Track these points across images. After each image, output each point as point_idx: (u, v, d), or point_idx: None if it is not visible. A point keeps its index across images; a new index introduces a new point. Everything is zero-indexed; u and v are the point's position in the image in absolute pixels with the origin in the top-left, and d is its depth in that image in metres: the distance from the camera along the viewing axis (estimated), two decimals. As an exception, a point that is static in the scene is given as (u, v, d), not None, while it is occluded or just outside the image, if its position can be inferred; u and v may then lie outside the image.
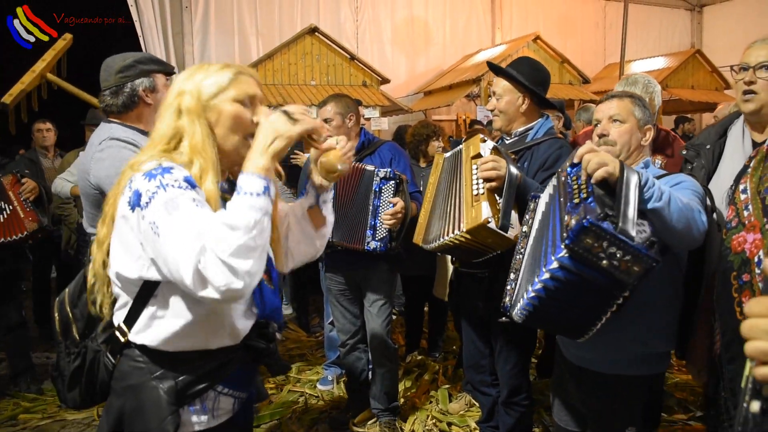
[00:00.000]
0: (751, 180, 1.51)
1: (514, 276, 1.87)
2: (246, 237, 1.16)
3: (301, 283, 4.92)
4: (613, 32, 9.92)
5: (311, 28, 6.97)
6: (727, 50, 9.27)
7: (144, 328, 1.34)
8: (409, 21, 9.04)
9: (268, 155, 1.27)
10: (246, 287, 1.18)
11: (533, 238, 1.81)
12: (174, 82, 1.43)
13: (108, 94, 2.10)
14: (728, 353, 1.47)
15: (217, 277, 1.15)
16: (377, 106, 7.02)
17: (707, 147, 2.12)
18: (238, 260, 1.15)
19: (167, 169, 1.26)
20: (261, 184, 1.23)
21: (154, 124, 2.04)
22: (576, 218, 1.36)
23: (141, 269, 1.28)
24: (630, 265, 1.34)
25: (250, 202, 1.20)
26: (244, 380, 1.50)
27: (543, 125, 2.46)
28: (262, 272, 1.22)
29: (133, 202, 1.24)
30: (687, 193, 1.72)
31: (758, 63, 1.91)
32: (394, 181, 2.82)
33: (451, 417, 3.26)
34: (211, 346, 1.37)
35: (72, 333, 1.47)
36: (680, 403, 3.33)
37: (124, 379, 1.38)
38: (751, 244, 1.41)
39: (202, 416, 1.39)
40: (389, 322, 3.04)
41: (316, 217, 1.62)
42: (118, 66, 2.09)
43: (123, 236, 1.30)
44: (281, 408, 3.41)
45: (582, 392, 1.94)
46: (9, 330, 3.79)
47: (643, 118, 1.92)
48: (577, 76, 8.22)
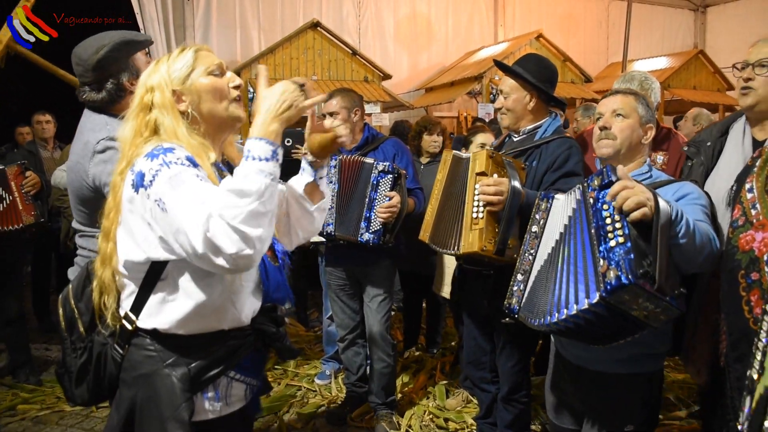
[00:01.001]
0: (758, 179, 1.51)
1: (522, 278, 1.86)
2: (257, 203, 1.15)
3: (299, 277, 4.92)
4: (616, 31, 9.89)
5: (313, 23, 6.96)
6: (730, 51, 9.24)
7: (155, 312, 1.34)
8: (411, 17, 9.02)
9: (279, 121, 1.27)
10: (257, 254, 1.17)
11: (547, 244, 1.80)
12: (141, 77, 1.43)
13: (88, 90, 1.98)
14: (735, 352, 1.46)
15: (227, 244, 1.14)
16: (378, 102, 7.01)
17: (708, 144, 2.12)
18: (249, 227, 1.14)
19: (169, 149, 1.27)
20: (270, 148, 1.22)
21: None
22: (614, 272, 1.39)
23: (148, 249, 1.28)
24: (658, 313, 1.44)
25: (260, 166, 1.20)
26: (255, 366, 1.51)
27: (552, 123, 2.45)
28: (271, 239, 1.22)
29: (137, 183, 1.25)
30: (697, 209, 1.71)
31: (758, 60, 1.93)
32: (392, 175, 2.82)
33: (448, 413, 3.27)
34: (224, 326, 1.37)
35: (77, 328, 1.47)
36: (679, 401, 3.34)
37: (135, 368, 1.37)
38: (760, 243, 1.40)
39: (216, 403, 1.40)
40: (388, 317, 3.05)
41: (313, 194, 1.62)
42: (93, 61, 1.92)
43: (128, 224, 1.30)
44: (279, 402, 3.42)
45: (580, 391, 1.94)
46: (9, 322, 3.80)
47: (645, 116, 1.91)
48: (579, 74, 8.21)
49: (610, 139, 1.88)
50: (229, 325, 1.39)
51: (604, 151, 1.90)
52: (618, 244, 1.44)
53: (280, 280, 1.51)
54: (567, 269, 1.59)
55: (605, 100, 1.98)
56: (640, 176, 1.86)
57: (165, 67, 1.38)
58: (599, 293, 1.42)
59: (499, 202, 2.12)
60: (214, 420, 1.40)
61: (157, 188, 1.21)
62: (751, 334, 1.37)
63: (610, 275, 1.40)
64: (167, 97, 1.35)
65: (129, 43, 1.99)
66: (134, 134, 1.37)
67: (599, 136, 1.92)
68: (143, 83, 1.40)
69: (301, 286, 4.96)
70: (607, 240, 1.47)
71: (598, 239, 1.51)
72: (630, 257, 1.39)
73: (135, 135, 1.37)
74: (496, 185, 2.12)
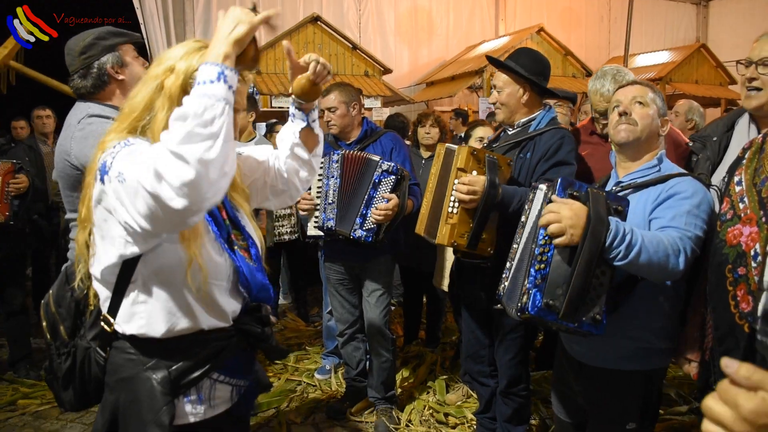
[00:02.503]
0: (746, 172, 1.49)
1: (509, 265, 1.87)
2: (194, 123, 1.08)
3: (300, 272, 4.92)
4: (617, 25, 9.86)
5: (314, 17, 6.94)
6: (733, 45, 9.22)
7: (128, 317, 1.31)
8: (412, 11, 9.00)
9: (229, 41, 1.20)
10: (200, 177, 1.07)
11: (526, 235, 1.80)
12: (167, 53, 1.36)
13: (76, 78, 2.00)
14: (722, 346, 1.45)
15: (168, 170, 1.06)
16: (379, 97, 6.99)
17: (714, 139, 2.10)
18: (186, 146, 1.07)
19: (130, 141, 1.25)
20: (214, 70, 1.15)
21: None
22: (526, 297, 1.55)
23: (120, 247, 1.24)
24: (573, 332, 1.60)
25: (202, 90, 1.13)
26: (240, 367, 1.48)
27: (545, 116, 2.45)
28: (221, 165, 1.11)
29: (102, 173, 1.21)
30: (678, 213, 1.66)
31: (761, 59, 1.87)
32: (395, 176, 2.80)
33: (448, 408, 3.27)
34: (203, 327, 1.35)
35: (60, 333, 1.45)
36: (680, 396, 3.33)
37: (117, 372, 1.35)
38: (747, 237, 1.39)
39: (198, 406, 1.37)
40: (387, 312, 3.04)
41: (309, 139, 1.60)
42: (80, 47, 1.98)
43: (101, 227, 1.27)
44: (279, 397, 3.42)
45: (583, 387, 1.94)
46: (10, 315, 3.81)
47: (662, 109, 1.87)
48: (580, 68, 8.19)
49: (631, 125, 1.83)
50: (208, 326, 1.36)
51: (622, 135, 1.84)
52: (539, 269, 1.56)
53: (263, 282, 1.47)
54: (522, 278, 1.66)
55: (623, 90, 1.93)
56: (648, 170, 1.83)
57: (196, 61, 1.29)
58: (515, 311, 1.62)
59: (471, 200, 2.18)
60: (197, 423, 1.37)
61: (117, 164, 1.17)
62: (737, 328, 1.36)
63: (524, 299, 1.57)
64: (177, 86, 1.28)
65: (116, 33, 2.03)
66: (132, 109, 1.31)
67: (618, 121, 1.85)
68: (171, 60, 1.32)
69: (301, 282, 4.96)
70: (536, 260, 1.57)
71: (530, 258, 1.60)
72: (542, 286, 1.54)
73: (131, 111, 1.31)
74: (470, 185, 2.17)
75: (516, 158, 2.39)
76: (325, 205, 2.88)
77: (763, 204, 1.38)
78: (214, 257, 1.34)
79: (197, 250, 1.28)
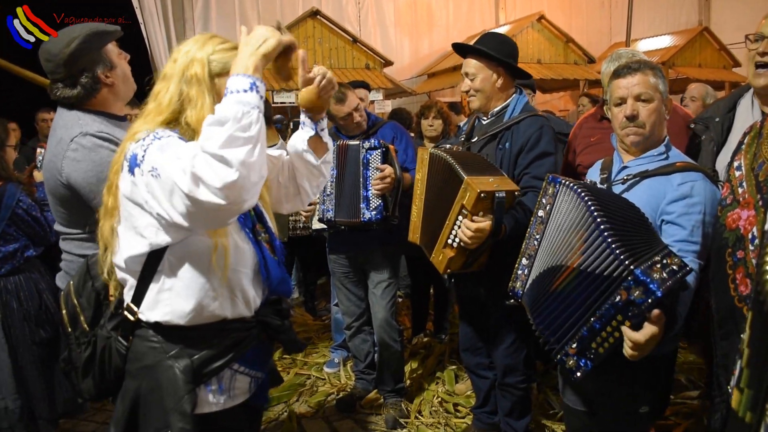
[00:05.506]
0: (745, 157, 1.49)
1: (527, 262, 1.85)
2: (234, 127, 1.13)
3: (309, 267, 4.92)
4: (618, 10, 9.78)
5: (313, 12, 6.92)
6: (736, 27, 9.11)
7: (153, 304, 1.34)
8: (411, 3, 8.96)
9: (257, 55, 1.25)
10: (242, 179, 1.12)
11: (552, 230, 1.77)
12: (184, 45, 1.39)
13: (61, 86, 1.86)
14: (722, 330, 1.46)
15: (209, 173, 1.10)
16: (381, 89, 6.98)
17: (716, 120, 2.08)
18: (229, 149, 1.11)
19: (159, 134, 1.28)
20: (246, 81, 1.20)
21: (119, 103, 1.93)
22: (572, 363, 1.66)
23: (151, 236, 1.27)
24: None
25: (237, 98, 1.18)
26: (259, 359, 1.50)
27: (519, 101, 2.42)
28: (259, 168, 1.17)
29: (132, 164, 1.24)
30: (684, 228, 1.65)
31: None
32: (380, 150, 2.82)
33: (457, 398, 3.27)
34: (227, 315, 1.37)
35: (80, 323, 1.47)
36: (690, 381, 3.33)
37: (139, 360, 1.37)
38: (745, 221, 1.39)
39: (219, 396, 1.40)
40: (393, 303, 3.04)
41: (317, 147, 1.62)
42: (64, 55, 1.81)
43: (129, 219, 1.30)
44: (288, 391, 3.43)
45: (593, 373, 1.93)
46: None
47: (665, 90, 1.82)
48: (582, 55, 8.14)
49: (640, 128, 1.79)
50: (231, 314, 1.38)
51: (633, 139, 1.81)
52: (596, 348, 1.63)
53: (283, 275, 1.51)
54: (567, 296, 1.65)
55: (622, 81, 1.82)
56: (655, 158, 1.80)
57: (210, 49, 1.36)
58: (555, 353, 1.69)
59: (474, 244, 2.14)
60: (217, 413, 1.40)
61: (150, 158, 1.21)
62: (736, 311, 1.36)
63: (570, 363, 1.66)
64: (205, 73, 1.33)
65: (100, 34, 1.89)
66: (164, 106, 1.34)
67: (625, 124, 1.80)
68: (190, 52, 1.36)
69: (309, 276, 4.97)
70: (600, 338, 1.61)
71: (590, 320, 1.60)
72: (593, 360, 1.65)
73: (162, 108, 1.34)
74: (477, 232, 2.10)
75: (495, 150, 2.36)
76: (324, 197, 2.92)
77: (761, 188, 1.38)
78: (240, 244, 1.38)
79: (224, 236, 1.32)
